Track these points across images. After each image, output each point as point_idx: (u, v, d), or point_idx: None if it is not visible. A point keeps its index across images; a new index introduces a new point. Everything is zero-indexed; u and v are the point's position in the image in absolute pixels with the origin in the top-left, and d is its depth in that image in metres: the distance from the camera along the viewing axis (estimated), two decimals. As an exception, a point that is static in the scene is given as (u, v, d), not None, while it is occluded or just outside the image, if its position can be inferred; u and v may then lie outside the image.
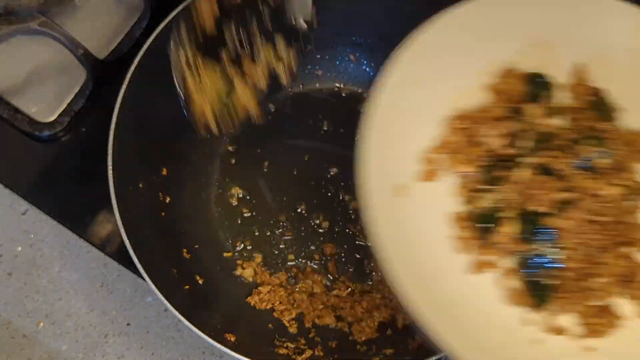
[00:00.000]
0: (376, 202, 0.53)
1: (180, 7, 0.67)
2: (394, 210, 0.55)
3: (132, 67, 0.65)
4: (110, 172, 0.62)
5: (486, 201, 0.57)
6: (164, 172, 0.71)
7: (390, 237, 0.52)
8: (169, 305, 0.59)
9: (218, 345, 0.58)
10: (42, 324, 0.71)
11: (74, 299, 0.72)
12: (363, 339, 0.67)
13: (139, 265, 0.59)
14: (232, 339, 0.61)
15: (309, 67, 0.79)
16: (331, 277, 0.72)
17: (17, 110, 0.75)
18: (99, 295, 0.72)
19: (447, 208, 0.57)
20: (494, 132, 0.57)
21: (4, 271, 0.73)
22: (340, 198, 0.75)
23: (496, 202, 0.56)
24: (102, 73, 0.77)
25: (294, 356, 0.64)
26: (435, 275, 0.55)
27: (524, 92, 0.60)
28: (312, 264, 0.72)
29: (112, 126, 0.64)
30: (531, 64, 0.61)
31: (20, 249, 0.74)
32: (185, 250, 0.70)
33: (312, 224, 0.74)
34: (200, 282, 0.68)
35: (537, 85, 0.60)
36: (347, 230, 0.74)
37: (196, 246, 0.71)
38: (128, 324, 0.72)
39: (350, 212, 0.74)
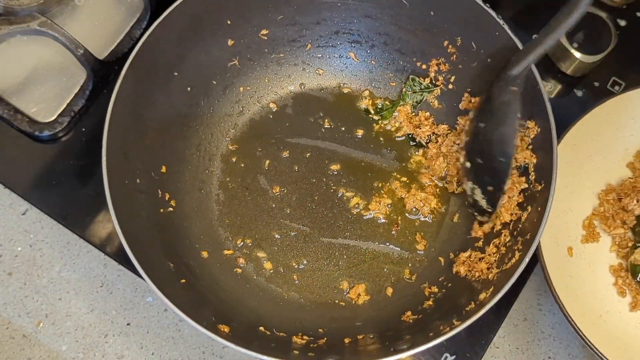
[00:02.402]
0: (552, 261, 0.67)
1: (176, 4, 0.67)
2: (567, 266, 0.71)
3: (128, 62, 0.65)
4: (104, 163, 0.62)
5: (639, 254, 0.72)
6: (164, 169, 0.71)
7: (565, 287, 0.67)
8: (160, 293, 0.58)
9: (209, 333, 0.57)
10: (42, 324, 0.71)
11: (74, 299, 0.72)
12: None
13: (130, 254, 0.59)
14: (226, 329, 0.61)
15: (310, 66, 0.79)
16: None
17: (17, 110, 0.75)
18: (99, 295, 0.72)
19: (607, 261, 0.74)
20: (639, 201, 0.74)
21: (4, 271, 0.73)
22: (340, 195, 0.75)
23: None
24: (102, 73, 0.77)
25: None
26: (602, 315, 0.70)
27: None
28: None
29: (108, 115, 0.64)
30: None
31: (20, 249, 0.74)
32: (183, 246, 0.69)
33: (313, 220, 0.74)
34: (198, 278, 0.68)
35: None
36: (348, 227, 0.74)
37: (196, 245, 0.71)
38: (128, 324, 0.72)
39: (350, 208, 0.74)
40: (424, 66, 0.77)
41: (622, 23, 0.84)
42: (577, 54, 0.78)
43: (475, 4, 0.68)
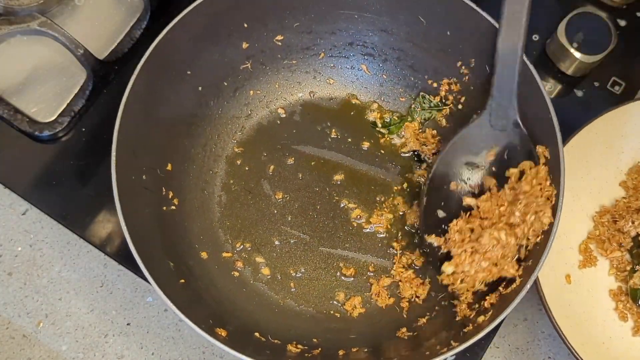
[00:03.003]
0: (551, 291, 0.66)
1: (195, 3, 0.67)
2: (566, 294, 0.69)
3: (143, 59, 0.65)
4: (113, 159, 0.62)
5: (638, 277, 0.71)
6: (169, 167, 0.71)
7: (565, 317, 0.65)
8: (158, 289, 0.58)
9: (207, 336, 0.58)
10: (42, 324, 0.71)
11: (74, 299, 0.72)
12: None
13: (133, 251, 0.59)
14: (223, 333, 0.61)
15: (321, 74, 0.79)
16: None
17: (17, 110, 0.75)
18: (99, 295, 0.72)
19: (607, 286, 0.72)
20: (635, 222, 0.72)
21: (4, 271, 0.73)
22: (343, 206, 0.74)
23: None
24: (102, 73, 0.77)
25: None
26: (604, 342, 0.69)
27: None
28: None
29: (121, 110, 0.63)
30: None
31: (20, 249, 0.74)
32: (183, 246, 0.69)
33: (314, 229, 0.74)
34: (197, 278, 0.68)
35: None
36: (348, 238, 0.74)
37: (196, 245, 0.71)
38: (128, 324, 0.72)
39: (352, 220, 0.74)
40: (435, 84, 0.76)
41: (622, 23, 0.84)
42: (577, 54, 0.78)
43: (493, 27, 0.67)
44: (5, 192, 0.75)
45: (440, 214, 0.70)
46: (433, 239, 0.69)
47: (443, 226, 0.69)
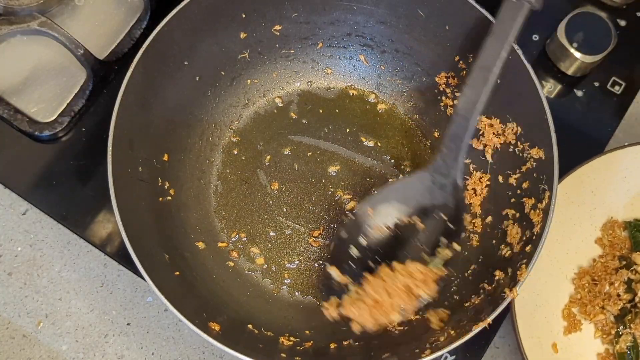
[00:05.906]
0: None
1: None
2: None
3: (141, 51, 0.65)
4: (109, 153, 0.62)
5: (624, 341, 0.69)
6: (165, 157, 0.71)
7: None
8: (153, 285, 0.58)
9: (201, 333, 0.57)
10: (42, 324, 0.71)
11: (74, 299, 0.72)
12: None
13: (129, 248, 0.59)
14: (217, 327, 0.61)
15: (319, 64, 0.79)
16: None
17: (17, 110, 0.75)
18: (99, 295, 0.72)
19: (594, 350, 0.70)
20: (614, 284, 0.70)
21: (4, 271, 0.73)
22: (338, 198, 0.75)
23: (631, 341, 0.68)
24: (102, 73, 0.77)
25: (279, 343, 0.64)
26: None
27: (628, 239, 0.73)
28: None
29: (117, 102, 0.63)
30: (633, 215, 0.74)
31: (20, 249, 0.74)
32: (179, 236, 0.69)
33: (309, 220, 0.74)
34: (192, 269, 0.68)
35: (637, 231, 0.73)
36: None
37: (192, 235, 0.71)
38: (128, 324, 0.72)
39: (347, 212, 0.74)
40: (433, 77, 0.76)
41: (622, 23, 0.84)
42: (577, 54, 0.78)
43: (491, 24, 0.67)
44: (5, 192, 0.75)
45: (354, 251, 0.67)
46: (335, 272, 0.66)
47: (352, 264, 0.67)
